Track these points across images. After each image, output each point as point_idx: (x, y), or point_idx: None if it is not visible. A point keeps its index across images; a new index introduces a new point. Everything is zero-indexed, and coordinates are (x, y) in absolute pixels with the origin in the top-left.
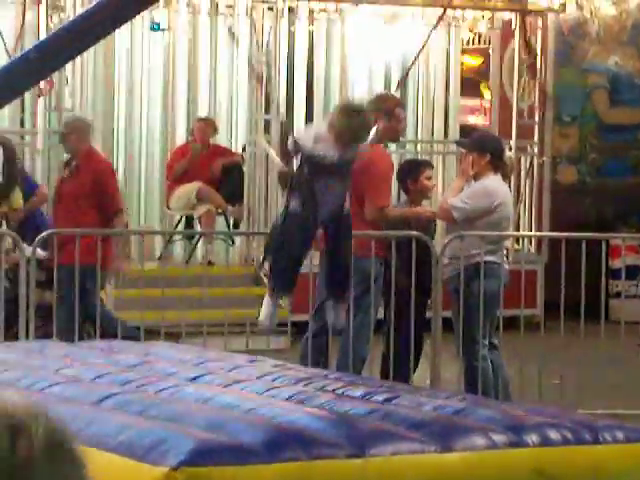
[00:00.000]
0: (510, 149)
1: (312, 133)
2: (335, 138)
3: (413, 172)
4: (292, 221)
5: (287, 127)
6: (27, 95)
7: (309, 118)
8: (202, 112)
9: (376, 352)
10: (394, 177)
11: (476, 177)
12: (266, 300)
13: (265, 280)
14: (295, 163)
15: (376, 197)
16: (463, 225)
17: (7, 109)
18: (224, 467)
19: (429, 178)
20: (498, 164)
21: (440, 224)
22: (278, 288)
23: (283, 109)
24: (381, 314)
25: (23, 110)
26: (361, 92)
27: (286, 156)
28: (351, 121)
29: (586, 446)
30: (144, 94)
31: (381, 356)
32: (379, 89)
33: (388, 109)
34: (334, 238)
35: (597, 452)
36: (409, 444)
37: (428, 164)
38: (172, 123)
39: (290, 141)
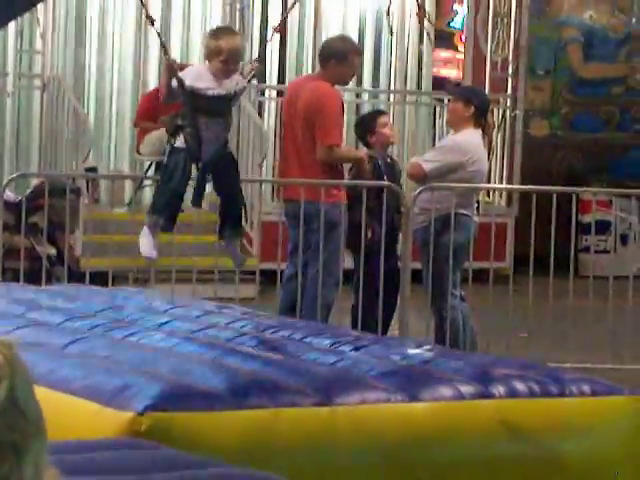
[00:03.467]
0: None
1: (193, 70)
2: (209, 63)
3: (368, 124)
4: (176, 156)
5: (172, 67)
6: None
7: (282, 65)
8: (174, 56)
9: (346, 303)
10: (354, 132)
11: (456, 127)
12: (145, 231)
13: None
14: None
15: (325, 136)
16: (435, 180)
17: None
18: (190, 413)
19: (385, 125)
20: (480, 120)
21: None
22: (161, 220)
23: (173, 53)
24: (350, 264)
25: None
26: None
27: (171, 96)
28: (218, 41)
29: (553, 398)
30: (116, 37)
31: (350, 307)
32: (352, 32)
33: (341, 52)
34: (220, 176)
35: (564, 405)
36: (376, 393)
37: (381, 112)
38: (144, 68)
39: (174, 80)
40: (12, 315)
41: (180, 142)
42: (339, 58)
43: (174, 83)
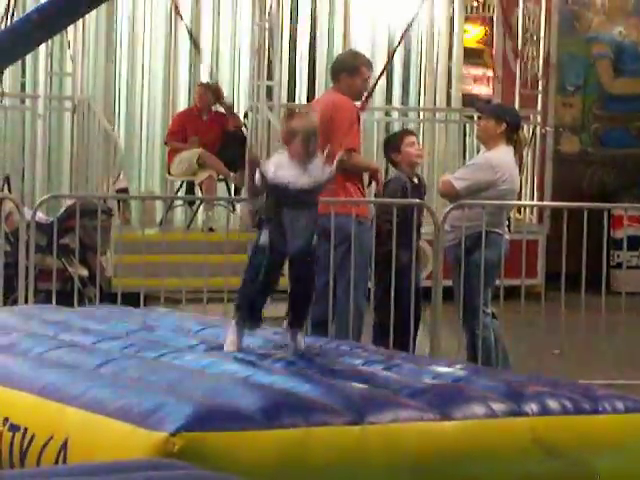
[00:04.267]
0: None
1: (274, 161)
2: (287, 147)
3: (395, 144)
4: (261, 255)
5: (254, 160)
6: (28, 59)
7: (311, 84)
8: (204, 78)
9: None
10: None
11: (488, 145)
12: (232, 327)
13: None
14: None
15: (344, 139)
16: (466, 198)
17: (8, 72)
18: (222, 433)
19: (412, 144)
20: (512, 136)
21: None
22: (246, 320)
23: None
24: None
25: (24, 74)
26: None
27: (255, 191)
28: (294, 121)
29: (585, 416)
30: (146, 58)
31: (372, 327)
32: (381, 52)
33: (353, 66)
34: (299, 274)
35: (596, 422)
36: (408, 412)
37: (407, 132)
38: (174, 88)
39: (257, 175)
40: (45, 336)
41: (264, 239)
42: (350, 70)
43: (257, 177)
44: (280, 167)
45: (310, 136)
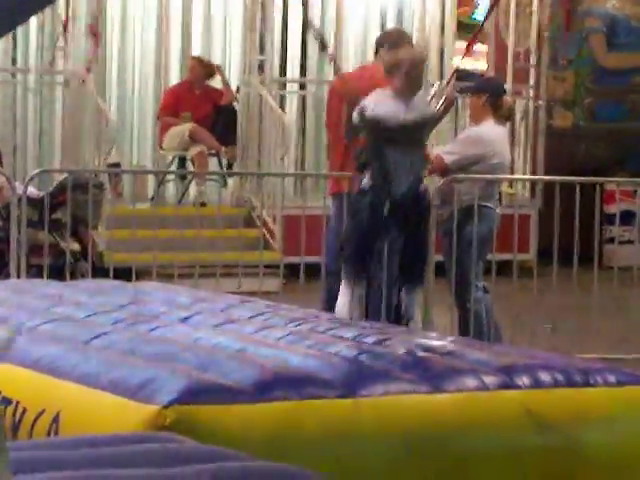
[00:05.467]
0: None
1: (373, 97)
2: (390, 79)
3: None
4: (362, 199)
5: (352, 96)
6: (19, 32)
7: (303, 59)
8: (196, 52)
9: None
10: None
11: (475, 120)
12: (342, 289)
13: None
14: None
15: None
16: (456, 173)
17: None
18: (214, 406)
19: None
20: (496, 105)
21: None
22: (349, 274)
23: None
24: None
25: (15, 47)
26: (356, 33)
27: (353, 132)
28: (400, 51)
29: (577, 388)
30: (137, 33)
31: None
32: (374, 26)
33: (394, 40)
34: (409, 220)
35: (588, 394)
36: (400, 384)
37: None
38: (165, 63)
39: (355, 114)
40: (37, 310)
41: (367, 181)
42: (392, 45)
43: (355, 116)
44: (381, 102)
45: (416, 67)
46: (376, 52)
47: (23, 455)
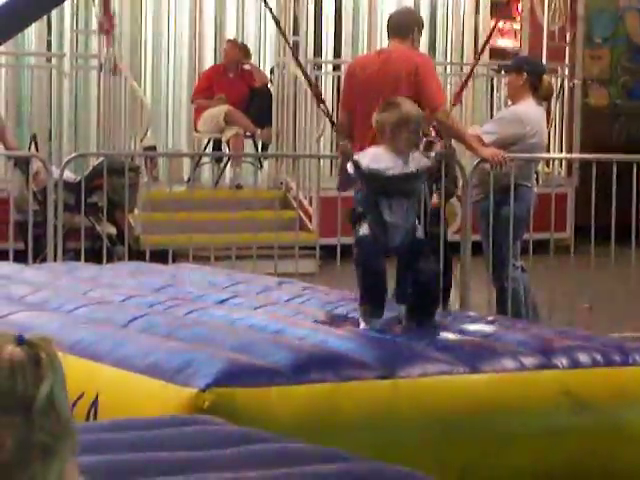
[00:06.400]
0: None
1: (370, 152)
2: (383, 140)
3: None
4: (363, 247)
5: (346, 151)
6: (53, 16)
7: (338, 40)
8: (230, 34)
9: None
10: None
11: (514, 99)
12: (362, 325)
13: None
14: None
15: (437, 95)
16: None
17: (33, 31)
18: (252, 388)
19: None
20: (536, 84)
21: None
22: (370, 310)
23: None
24: None
25: (50, 32)
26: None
27: (347, 183)
28: (382, 114)
29: (615, 368)
30: (171, 16)
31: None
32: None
33: (421, 21)
34: (410, 263)
35: (627, 374)
36: (438, 365)
37: None
38: (200, 46)
39: (349, 164)
40: (74, 293)
41: (365, 230)
42: (420, 27)
43: (350, 168)
44: (376, 159)
45: (401, 127)
46: (397, 34)
47: None
